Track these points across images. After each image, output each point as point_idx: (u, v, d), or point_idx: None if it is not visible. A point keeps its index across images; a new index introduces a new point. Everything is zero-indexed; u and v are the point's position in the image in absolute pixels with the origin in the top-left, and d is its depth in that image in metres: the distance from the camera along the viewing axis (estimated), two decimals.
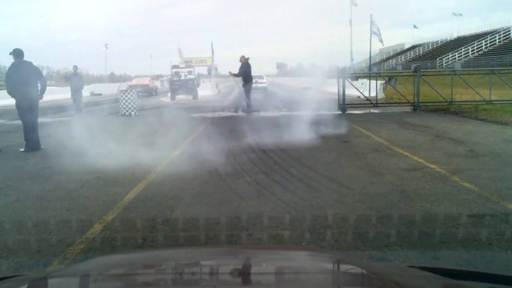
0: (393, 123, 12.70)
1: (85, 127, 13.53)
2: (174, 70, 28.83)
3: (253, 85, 37.57)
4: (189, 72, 28.55)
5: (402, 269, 1.93)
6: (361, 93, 17.44)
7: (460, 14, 75.15)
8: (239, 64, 16.91)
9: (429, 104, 16.06)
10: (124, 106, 16.74)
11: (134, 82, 38.61)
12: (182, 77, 27.86)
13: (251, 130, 11.73)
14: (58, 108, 21.31)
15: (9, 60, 9.50)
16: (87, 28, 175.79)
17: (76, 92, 18.75)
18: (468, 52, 55.33)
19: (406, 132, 10.91)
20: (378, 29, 21.56)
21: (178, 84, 27.10)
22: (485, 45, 55.01)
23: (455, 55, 55.98)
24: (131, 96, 16.78)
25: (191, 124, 13.60)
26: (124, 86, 19.23)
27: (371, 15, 21.97)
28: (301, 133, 10.46)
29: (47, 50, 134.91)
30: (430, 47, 72.33)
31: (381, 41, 22.08)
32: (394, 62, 74.63)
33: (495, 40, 54.46)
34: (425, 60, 62.66)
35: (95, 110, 19.64)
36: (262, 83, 37.19)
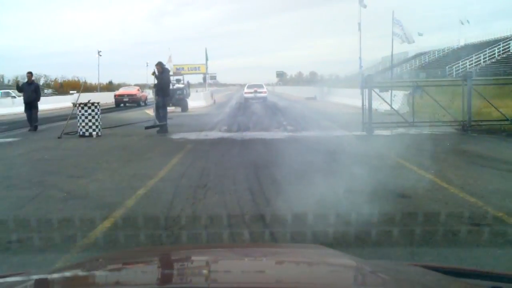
0: (452, 154, 8.71)
1: (16, 157, 9.63)
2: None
3: (252, 95, 33.94)
4: (178, 81, 24.61)
5: (405, 267, 1.86)
6: (395, 110, 13.38)
7: (468, 21, 71.29)
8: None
9: (484, 123, 12.04)
10: (84, 124, 12.77)
11: (120, 91, 34.71)
12: (170, 87, 23.91)
13: (243, 166, 7.78)
14: (11, 125, 17.40)
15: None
16: (86, 37, 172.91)
17: (30, 105, 14.81)
18: (480, 60, 51.71)
19: (490, 174, 6.91)
20: (403, 28, 17.69)
21: None
22: (498, 52, 51.43)
23: (465, 63, 52.32)
24: (93, 111, 12.83)
25: (163, 153, 9.64)
26: (85, 97, 15.21)
27: (393, 12, 18.23)
28: (322, 175, 6.52)
29: (46, 59, 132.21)
30: (437, 55, 68.98)
31: (408, 41, 18.05)
32: (399, 70, 71.14)
33: (509, 47, 50.86)
34: (432, 68, 59.16)
35: (54, 128, 15.64)
36: (261, 92, 33.37)
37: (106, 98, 39.49)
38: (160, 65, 13.47)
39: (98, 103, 13.31)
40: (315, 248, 2.45)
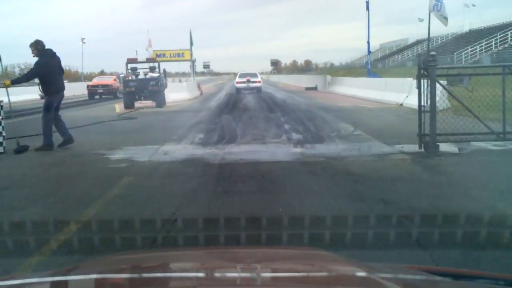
0: None
1: None
2: (130, 65, 19.75)
3: (245, 85, 29.11)
4: (152, 69, 19.61)
5: (402, 269, 1.78)
6: (474, 114, 8.31)
7: (473, 5, 66.14)
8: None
9: None
10: None
11: (94, 81, 29.77)
12: (141, 76, 19.02)
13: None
14: None
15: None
16: (79, 27, 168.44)
17: None
18: (491, 45, 47.08)
19: None
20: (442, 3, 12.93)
21: (134, 86, 18.26)
22: (511, 37, 46.82)
23: (475, 48, 47.66)
24: None
25: (63, 206, 4.90)
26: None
27: None
28: None
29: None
30: (440, 42, 64.42)
31: (444, 17, 13.36)
32: (400, 57, 66.55)
33: None
34: (437, 55, 54.29)
35: None
36: (255, 82, 28.54)
37: (76, 89, 34.76)
38: (36, 45, 8.25)
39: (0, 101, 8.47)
40: (312, 251, 2.28)
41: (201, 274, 1.59)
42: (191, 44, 28.84)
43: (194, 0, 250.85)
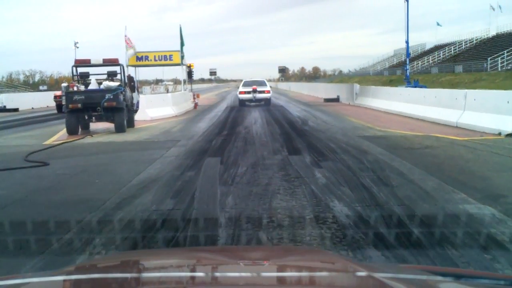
0: None
1: None
2: (79, 70, 13.11)
3: (251, 96, 21.67)
4: (111, 76, 12.83)
5: (402, 269, 1.77)
6: None
7: (499, 7, 59.21)
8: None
9: None
10: None
11: (61, 91, 23.43)
12: (93, 86, 12.60)
13: None
14: None
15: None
16: (88, 33, 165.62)
17: None
18: None
19: None
20: None
21: (81, 101, 11.82)
22: None
23: None
24: None
25: None
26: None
27: None
28: None
29: (46, 55, 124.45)
30: (463, 47, 57.84)
31: None
32: (420, 64, 59.90)
33: None
34: (464, 60, 47.93)
35: None
36: (263, 92, 22.13)
37: (44, 99, 29.26)
38: None
39: None
40: (313, 251, 2.24)
41: (202, 273, 1.52)
42: (182, 44, 22.21)
43: (203, 7, 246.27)
